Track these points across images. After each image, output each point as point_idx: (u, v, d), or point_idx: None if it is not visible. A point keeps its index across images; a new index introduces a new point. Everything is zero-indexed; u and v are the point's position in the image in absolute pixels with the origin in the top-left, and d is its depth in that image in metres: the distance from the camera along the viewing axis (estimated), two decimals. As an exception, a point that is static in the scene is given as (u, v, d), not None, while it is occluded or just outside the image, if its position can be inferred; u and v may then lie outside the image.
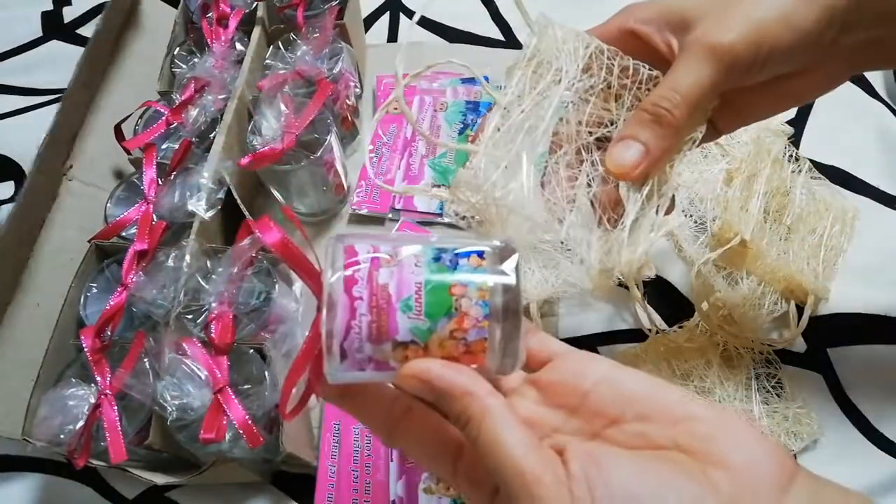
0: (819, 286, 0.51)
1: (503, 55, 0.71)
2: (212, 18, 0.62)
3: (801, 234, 0.53)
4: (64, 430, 0.42)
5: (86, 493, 0.50)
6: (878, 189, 0.58)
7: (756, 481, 0.22)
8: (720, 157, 0.57)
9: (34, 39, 0.78)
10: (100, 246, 0.51)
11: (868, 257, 0.54)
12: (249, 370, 0.45)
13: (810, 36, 0.32)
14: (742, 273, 0.52)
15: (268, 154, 0.52)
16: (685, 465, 0.23)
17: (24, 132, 0.68)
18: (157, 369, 0.43)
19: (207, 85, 0.57)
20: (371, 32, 0.76)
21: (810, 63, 0.34)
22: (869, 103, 0.63)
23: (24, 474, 0.52)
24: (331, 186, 0.59)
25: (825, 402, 0.49)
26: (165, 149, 0.56)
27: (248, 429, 0.41)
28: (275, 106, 0.54)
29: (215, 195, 0.50)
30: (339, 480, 0.48)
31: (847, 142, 0.61)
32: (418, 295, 0.24)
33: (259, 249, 0.48)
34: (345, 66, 0.60)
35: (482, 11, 0.76)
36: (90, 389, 0.44)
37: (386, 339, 0.24)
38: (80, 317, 0.49)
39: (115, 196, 0.55)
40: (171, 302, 0.46)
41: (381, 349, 0.24)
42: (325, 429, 0.50)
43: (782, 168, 0.55)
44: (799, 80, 0.34)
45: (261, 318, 0.48)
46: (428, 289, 0.24)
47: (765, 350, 0.50)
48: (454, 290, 0.24)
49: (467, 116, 0.65)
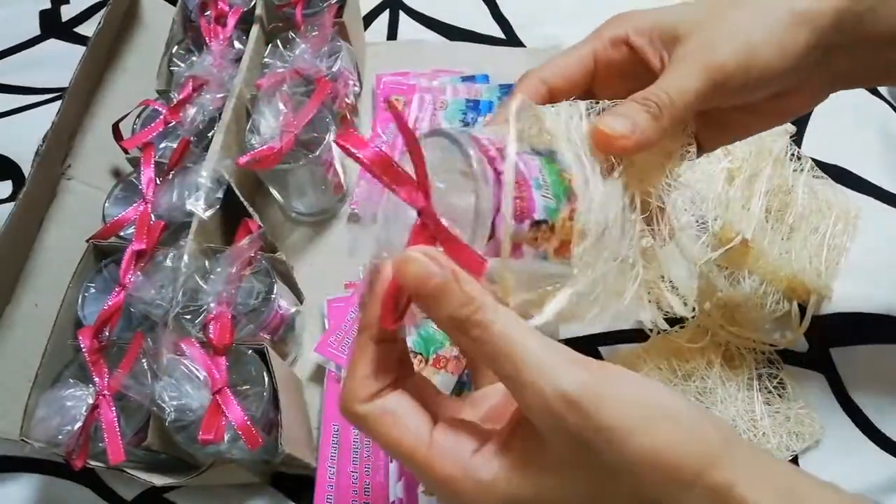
0: (821, 285, 0.51)
1: (503, 53, 0.71)
2: (210, 17, 0.62)
3: (803, 233, 0.52)
4: (62, 431, 0.42)
5: (84, 493, 0.50)
6: (880, 188, 0.58)
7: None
8: (721, 156, 0.56)
9: (32, 38, 0.78)
10: (98, 246, 0.51)
11: (870, 256, 0.53)
12: (248, 371, 0.45)
13: (799, 59, 0.32)
14: (744, 273, 0.52)
15: (266, 153, 0.51)
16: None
17: (22, 131, 0.68)
18: (156, 370, 0.43)
19: (206, 83, 0.57)
20: (370, 30, 0.75)
21: (795, 84, 0.34)
22: (871, 102, 0.63)
23: (21, 475, 0.51)
24: (330, 185, 0.59)
25: (827, 402, 0.49)
26: (163, 148, 0.56)
27: (247, 430, 0.41)
28: (273, 104, 0.53)
29: (214, 194, 0.50)
30: (339, 482, 0.47)
31: (849, 140, 0.61)
32: (542, 175, 0.25)
33: (258, 249, 0.48)
34: (344, 65, 0.60)
35: (483, 9, 0.75)
36: (88, 390, 0.44)
37: (526, 218, 0.25)
38: (78, 317, 0.49)
39: (114, 195, 0.55)
40: (170, 302, 0.46)
41: (520, 229, 0.25)
42: (325, 430, 0.49)
43: (784, 167, 0.55)
44: (781, 100, 0.35)
45: (260, 318, 0.47)
46: (547, 170, 0.25)
47: (767, 350, 0.50)
48: (564, 174, 0.26)
49: (467, 115, 0.65)
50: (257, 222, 0.50)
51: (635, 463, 0.22)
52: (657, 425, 0.23)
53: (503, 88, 0.66)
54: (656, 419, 0.23)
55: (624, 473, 0.23)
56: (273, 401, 0.44)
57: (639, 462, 0.22)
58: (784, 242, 0.52)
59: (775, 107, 0.35)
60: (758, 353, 0.49)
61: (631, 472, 0.23)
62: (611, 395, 0.23)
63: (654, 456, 0.22)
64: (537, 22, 0.73)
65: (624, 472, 0.23)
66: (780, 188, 0.53)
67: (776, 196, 0.53)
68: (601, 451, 0.23)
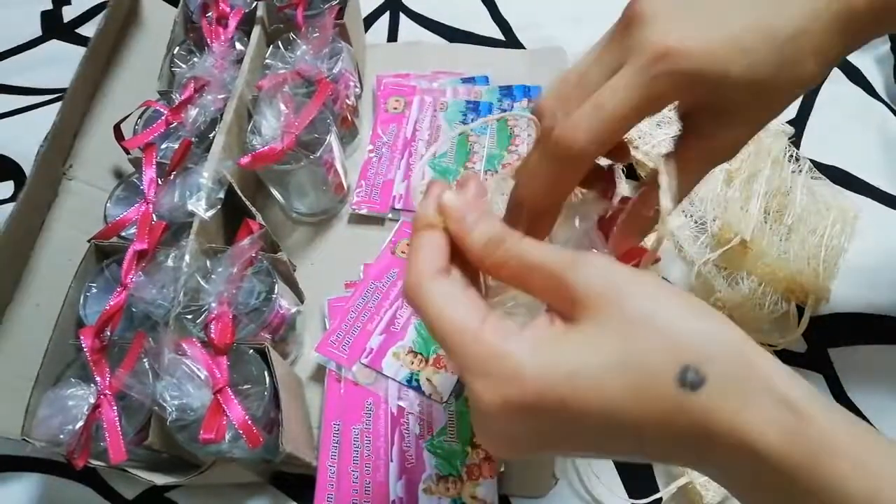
0: (820, 286, 0.51)
1: (503, 55, 0.71)
2: (211, 18, 0.62)
3: (801, 234, 0.53)
4: (63, 430, 0.42)
5: (85, 493, 0.50)
6: (878, 189, 0.58)
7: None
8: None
9: (33, 39, 0.78)
10: (99, 246, 0.51)
11: (869, 257, 0.54)
12: (249, 370, 0.45)
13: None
14: (742, 273, 0.52)
15: (268, 154, 0.52)
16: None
17: (24, 132, 0.68)
18: (157, 369, 0.43)
19: (207, 84, 0.57)
20: (371, 32, 0.76)
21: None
22: (869, 103, 0.63)
23: (23, 474, 0.52)
24: (330, 186, 0.59)
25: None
26: (165, 148, 0.56)
27: (248, 429, 0.41)
28: (274, 106, 0.53)
29: (215, 195, 0.50)
30: (339, 481, 0.48)
31: (847, 142, 0.61)
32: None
33: (260, 248, 0.48)
34: (344, 66, 0.60)
35: (483, 11, 0.76)
36: (90, 389, 0.44)
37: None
38: (79, 317, 0.49)
39: (115, 196, 0.55)
40: (171, 302, 0.46)
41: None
42: (325, 429, 0.50)
43: (783, 168, 0.55)
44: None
45: (261, 318, 0.48)
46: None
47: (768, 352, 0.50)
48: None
49: (467, 116, 0.65)
50: (259, 222, 0.51)
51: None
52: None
53: (503, 90, 0.66)
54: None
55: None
56: (274, 400, 0.44)
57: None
58: (782, 243, 0.52)
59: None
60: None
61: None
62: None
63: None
64: (537, 24, 0.73)
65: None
66: (779, 189, 0.54)
67: (775, 197, 0.53)
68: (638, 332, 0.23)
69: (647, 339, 0.23)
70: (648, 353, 0.22)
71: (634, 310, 0.23)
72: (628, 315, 0.23)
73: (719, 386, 0.22)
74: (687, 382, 0.22)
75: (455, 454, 0.47)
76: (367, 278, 0.56)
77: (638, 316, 0.23)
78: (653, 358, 0.22)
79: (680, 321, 0.23)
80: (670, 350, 0.22)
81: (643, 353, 0.22)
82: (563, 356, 0.23)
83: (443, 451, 0.48)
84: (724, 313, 0.49)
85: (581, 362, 0.23)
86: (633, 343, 0.23)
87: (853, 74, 0.65)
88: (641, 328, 0.23)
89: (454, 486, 0.46)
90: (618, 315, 0.23)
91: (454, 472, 0.47)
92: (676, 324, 0.23)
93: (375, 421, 0.50)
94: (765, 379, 0.22)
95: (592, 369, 0.23)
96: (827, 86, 0.64)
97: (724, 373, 0.22)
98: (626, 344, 0.23)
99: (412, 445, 0.48)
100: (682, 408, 0.22)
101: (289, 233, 0.62)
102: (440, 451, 0.48)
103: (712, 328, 0.23)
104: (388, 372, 0.51)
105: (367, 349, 0.52)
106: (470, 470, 0.47)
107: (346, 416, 0.50)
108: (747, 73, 0.28)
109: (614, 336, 0.23)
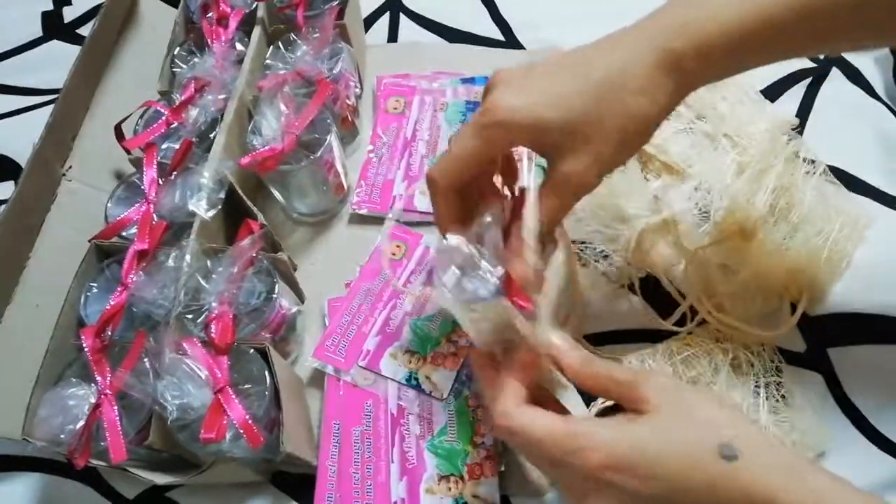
0: (816, 286, 0.51)
1: (503, 55, 0.71)
2: (212, 18, 0.62)
3: (806, 234, 0.52)
4: (64, 430, 0.42)
5: (86, 492, 0.50)
6: (877, 189, 0.58)
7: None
8: (730, 148, 0.56)
9: (34, 39, 0.78)
10: (100, 246, 0.51)
11: (868, 257, 0.54)
12: (250, 370, 0.45)
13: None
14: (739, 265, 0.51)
15: (268, 154, 0.52)
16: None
17: (25, 132, 0.68)
18: (158, 369, 0.43)
19: (207, 85, 0.57)
20: (371, 32, 0.76)
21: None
22: (868, 104, 0.63)
23: (24, 474, 0.52)
24: (331, 186, 0.59)
25: (825, 402, 0.49)
26: (166, 149, 0.56)
27: (249, 428, 0.41)
28: (275, 106, 0.54)
29: (216, 195, 0.50)
30: (340, 480, 0.48)
31: (847, 142, 0.61)
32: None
33: (260, 248, 0.48)
34: (345, 67, 0.60)
35: (482, 11, 0.76)
36: (90, 389, 0.44)
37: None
38: (80, 316, 0.49)
39: (116, 196, 0.55)
40: (172, 302, 0.46)
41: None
42: (325, 429, 0.50)
43: (796, 167, 0.54)
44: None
45: (261, 317, 0.48)
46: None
47: (767, 345, 0.49)
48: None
49: (467, 116, 0.65)
50: (259, 222, 0.51)
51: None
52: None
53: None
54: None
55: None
56: (274, 400, 0.44)
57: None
58: (784, 241, 0.52)
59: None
60: (766, 361, 0.49)
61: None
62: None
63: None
64: (536, 24, 0.73)
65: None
66: (790, 188, 0.53)
67: (784, 195, 0.53)
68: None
69: (696, 426, 0.32)
70: (697, 434, 0.31)
71: (684, 403, 0.32)
72: (682, 408, 0.32)
73: (752, 460, 0.30)
74: (725, 455, 0.30)
75: (456, 454, 0.47)
76: (360, 280, 0.56)
77: (686, 407, 0.32)
78: (699, 436, 0.31)
79: (714, 411, 0.32)
80: (712, 431, 0.31)
81: (695, 435, 0.31)
82: (643, 433, 0.32)
83: (444, 450, 0.48)
84: (715, 301, 0.50)
85: (655, 439, 0.31)
86: (685, 427, 0.32)
87: (853, 75, 0.65)
88: (689, 417, 0.32)
89: (456, 486, 0.46)
90: (676, 409, 0.32)
91: (455, 471, 0.47)
92: (712, 413, 0.32)
93: (375, 422, 0.50)
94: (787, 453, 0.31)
95: (660, 444, 0.31)
96: (827, 86, 0.64)
97: (754, 448, 0.30)
98: (681, 425, 0.32)
99: (413, 446, 0.48)
100: (726, 476, 0.30)
101: (289, 233, 0.62)
102: (441, 451, 0.48)
103: (736, 414, 0.33)
104: (387, 372, 0.51)
105: (363, 351, 0.52)
106: (471, 469, 0.47)
107: (345, 417, 0.50)
108: (559, 115, 0.35)
109: (674, 421, 0.32)
